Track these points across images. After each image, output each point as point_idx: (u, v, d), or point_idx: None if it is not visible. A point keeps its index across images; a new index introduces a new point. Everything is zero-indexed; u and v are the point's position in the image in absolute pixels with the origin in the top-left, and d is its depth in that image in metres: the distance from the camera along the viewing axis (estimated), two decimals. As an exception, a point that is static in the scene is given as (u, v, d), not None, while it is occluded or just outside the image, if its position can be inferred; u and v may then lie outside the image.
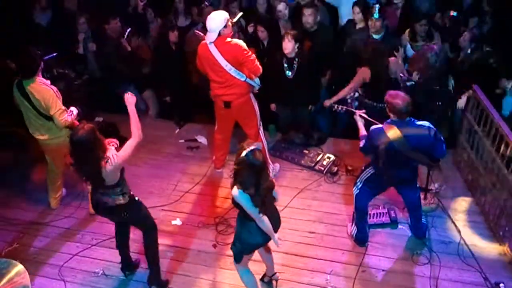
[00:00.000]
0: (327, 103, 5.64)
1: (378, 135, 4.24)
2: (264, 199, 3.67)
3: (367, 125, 4.59)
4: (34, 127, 5.05)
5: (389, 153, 4.22)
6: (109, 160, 3.80)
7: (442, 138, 4.28)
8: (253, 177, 3.57)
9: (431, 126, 4.22)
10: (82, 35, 6.93)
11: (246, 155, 3.54)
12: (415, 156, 4.25)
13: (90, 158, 3.79)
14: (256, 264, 4.34)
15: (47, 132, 5.03)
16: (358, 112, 4.71)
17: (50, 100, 4.77)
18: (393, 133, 4.16)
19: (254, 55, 5.15)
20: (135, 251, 4.84)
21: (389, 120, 4.27)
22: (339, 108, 5.20)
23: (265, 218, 3.73)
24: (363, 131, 4.57)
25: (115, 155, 3.85)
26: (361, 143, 4.50)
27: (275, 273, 4.54)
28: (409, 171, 4.48)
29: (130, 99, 4.14)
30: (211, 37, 5.00)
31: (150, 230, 4.43)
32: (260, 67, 5.16)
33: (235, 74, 5.14)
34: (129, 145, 3.97)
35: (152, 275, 4.52)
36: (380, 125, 4.31)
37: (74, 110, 4.98)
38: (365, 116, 4.70)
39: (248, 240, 3.93)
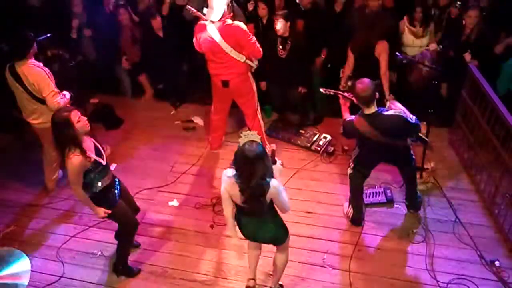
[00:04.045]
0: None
1: (351, 128, 4.32)
2: (254, 195, 3.46)
3: (354, 106, 4.50)
4: (28, 111, 4.99)
5: (366, 142, 4.32)
6: (71, 157, 3.68)
7: (412, 119, 4.20)
8: (246, 168, 3.35)
9: (400, 113, 4.16)
10: (76, 21, 6.73)
11: (242, 144, 3.34)
12: (391, 142, 4.28)
13: (56, 139, 3.74)
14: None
15: (41, 116, 4.96)
16: (341, 94, 4.65)
17: (43, 82, 4.71)
18: (363, 127, 4.21)
19: (254, 38, 5.09)
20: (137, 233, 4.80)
21: (359, 112, 4.27)
22: (326, 92, 5.04)
23: (230, 220, 3.67)
24: (345, 115, 4.55)
25: (73, 160, 3.67)
26: (341, 129, 4.54)
27: (282, 285, 4.36)
28: (391, 153, 4.49)
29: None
30: (214, 15, 4.88)
31: (122, 235, 4.42)
32: (261, 50, 5.11)
33: (235, 56, 5.08)
34: (79, 191, 3.83)
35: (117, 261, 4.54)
36: (352, 117, 4.34)
37: (66, 94, 4.92)
38: (351, 97, 4.57)
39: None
